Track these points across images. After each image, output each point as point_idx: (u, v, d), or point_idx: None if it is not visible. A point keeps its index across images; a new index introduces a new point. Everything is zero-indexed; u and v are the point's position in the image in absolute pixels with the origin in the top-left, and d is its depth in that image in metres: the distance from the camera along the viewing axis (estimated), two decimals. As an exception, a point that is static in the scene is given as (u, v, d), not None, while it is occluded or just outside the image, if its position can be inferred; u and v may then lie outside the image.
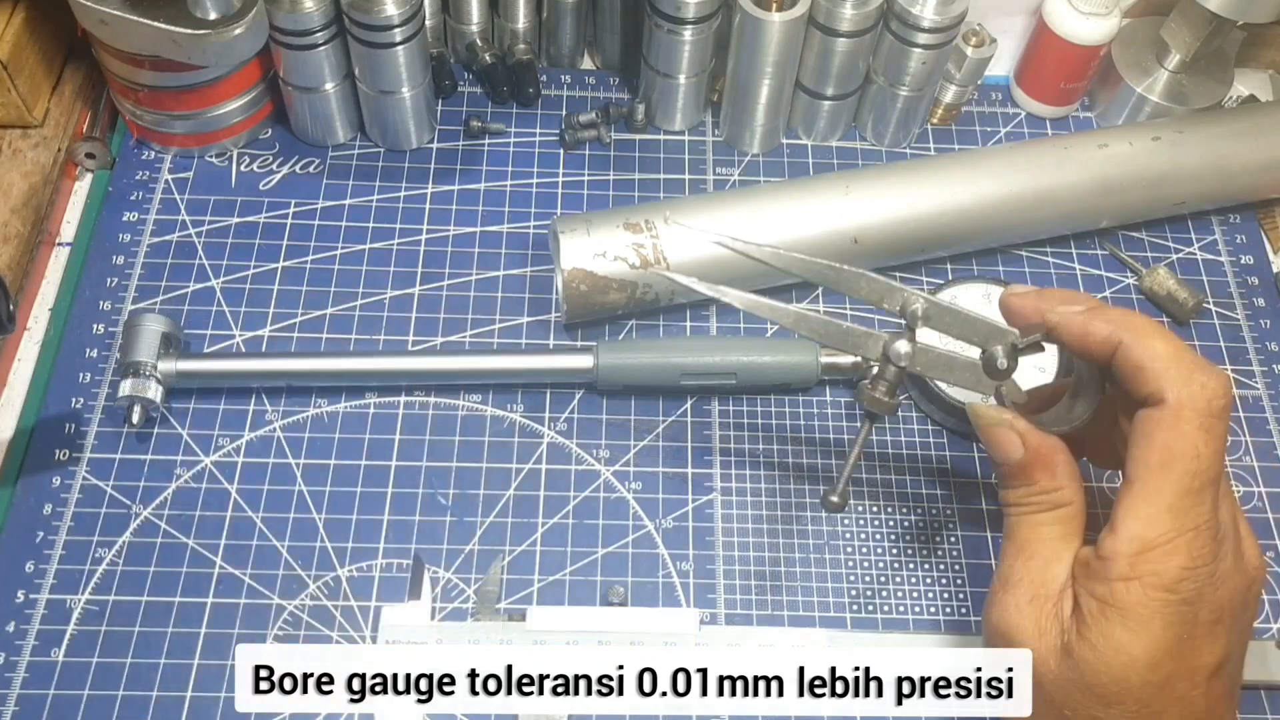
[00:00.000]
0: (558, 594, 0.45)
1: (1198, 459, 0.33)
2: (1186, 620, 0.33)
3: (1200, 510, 0.33)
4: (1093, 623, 0.34)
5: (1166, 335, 0.35)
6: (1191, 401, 0.33)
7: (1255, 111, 0.57)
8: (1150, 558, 0.33)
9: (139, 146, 0.55)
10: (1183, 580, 0.33)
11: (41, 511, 0.45)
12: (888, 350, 0.38)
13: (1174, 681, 0.34)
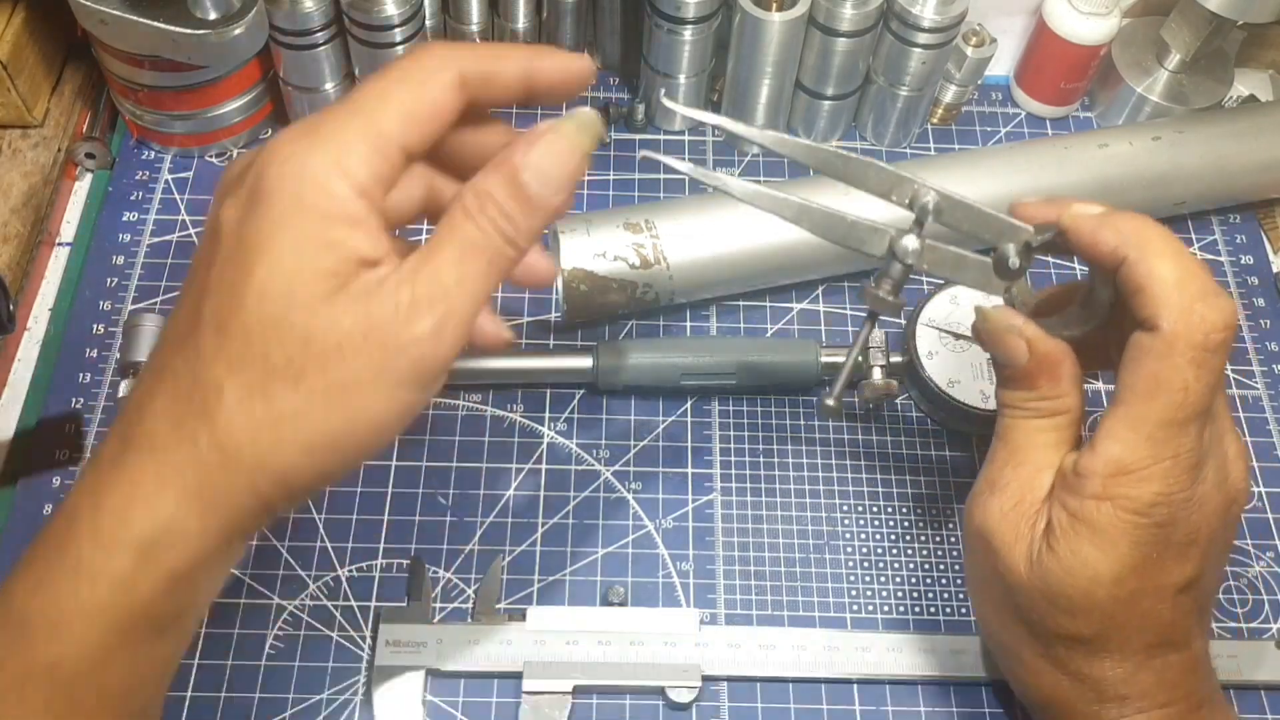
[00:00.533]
0: (558, 594, 0.45)
1: (1185, 392, 0.32)
2: (1157, 541, 0.33)
3: (1181, 441, 0.33)
4: (1062, 535, 0.34)
5: (1176, 255, 0.33)
6: (1187, 334, 0.32)
7: (1255, 111, 0.57)
8: (1124, 481, 0.33)
9: (139, 146, 0.55)
10: (1155, 505, 0.33)
11: (42, 512, 0.45)
12: (894, 246, 0.36)
13: (1139, 597, 0.34)
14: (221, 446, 0.28)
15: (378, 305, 0.28)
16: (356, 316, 0.28)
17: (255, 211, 0.28)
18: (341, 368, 0.28)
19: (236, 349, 0.28)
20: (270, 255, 0.28)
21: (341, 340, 0.28)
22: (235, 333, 0.28)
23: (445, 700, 0.42)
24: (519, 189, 0.29)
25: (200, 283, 0.29)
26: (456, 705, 0.42)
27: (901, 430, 0.50)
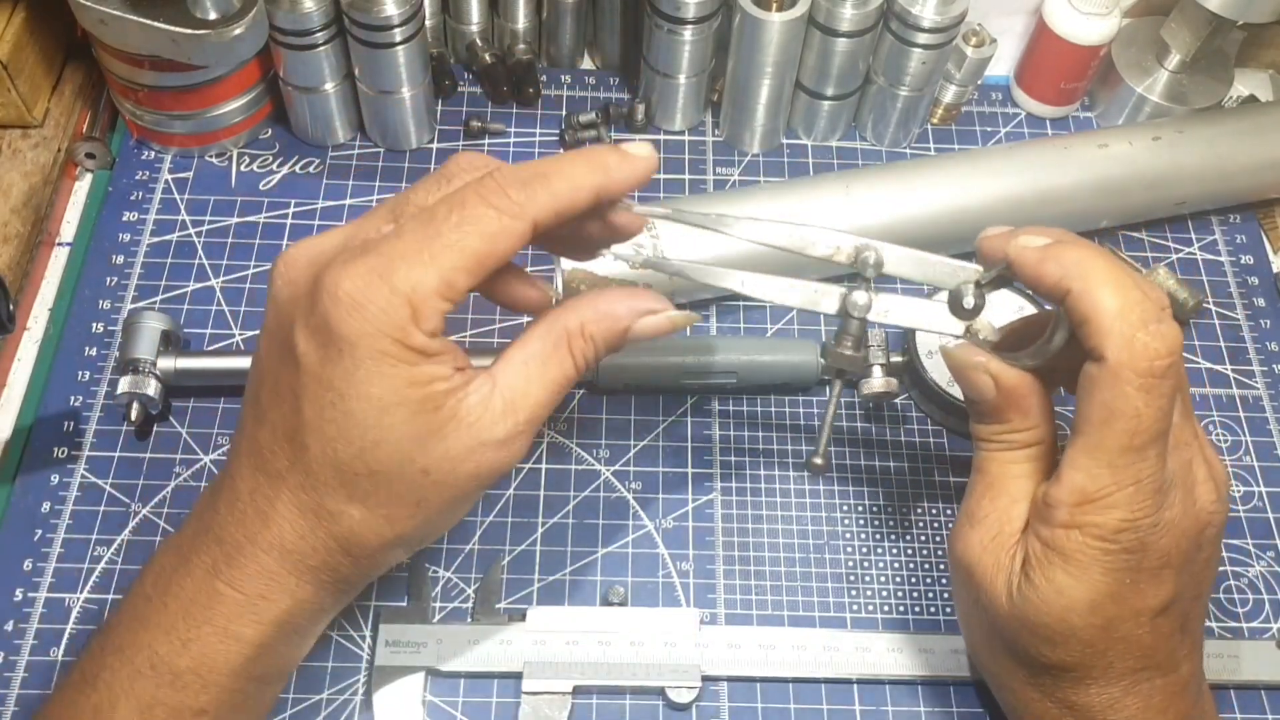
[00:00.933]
0: (557, 594, 0.45)
1: (1137, 419, 0.33)
2: (1129, 567, 0.34)
3: (1141, 466, 0.33)
4: (1037, 565, 0.34)
5: (1118, 285, 0.33)
6: (1131, 362, 0.32)
7: (1255, 111, 0.57)
8: (1089, 509, 0.33)
9: (139, 146, 0.55)
10: (1122, 531, 0.33)
11: (40, 510, 0.45)
12: (845, 303, 0.37)
13: (1116, 623, 0.34)
14: (349, 552, 0.33)
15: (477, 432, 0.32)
16: (462, 449, 0.32)
17: (339, 359, 0.31)
18: (451, 488, 0.33)
19: (364, 486, 0.32)
20: (366, 404, 0.31)
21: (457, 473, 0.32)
22: (358, 469, 0.32)
23: (445, 700, 0.42)
24: (621, 340, 0.35)
25: (289, 411, 0.32)
26: (456, 705, 0.42)
27: (901, 430, 0.50)
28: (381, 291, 0.30)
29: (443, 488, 0.33)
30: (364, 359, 0.30)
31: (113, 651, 0.34)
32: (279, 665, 0.36)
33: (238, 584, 0.33)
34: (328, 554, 0.33)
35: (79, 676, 0.34)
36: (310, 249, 0.33)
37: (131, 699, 0.33)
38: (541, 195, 0.32)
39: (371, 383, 0.31)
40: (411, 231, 0.31)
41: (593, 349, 0.34)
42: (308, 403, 0.31)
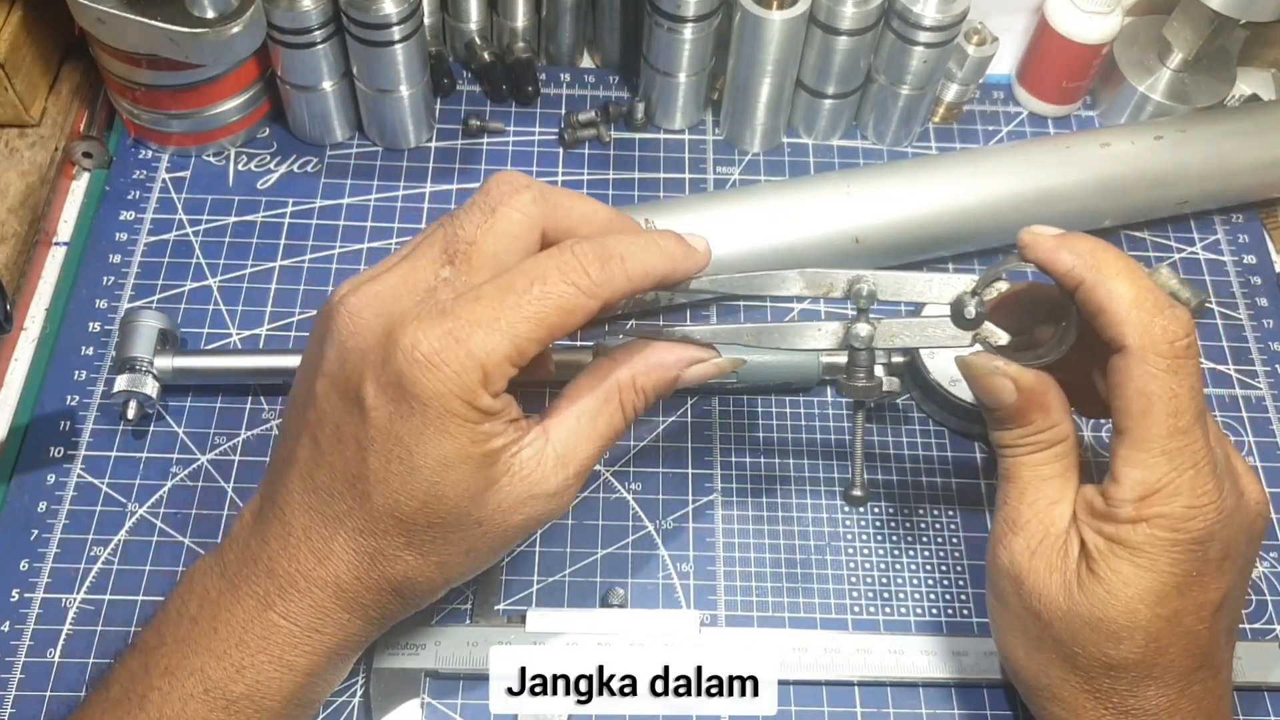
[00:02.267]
0: (557, 595, 0.44)
1: (1175, 399, 0.33)
2: (1196, 558, 0.34)
3: (1194, 448, 0.33)
4: (1101, 559, 0.34)
5: (1131, 275, 0.34)
6: (1154, 345, 0.33)
7: (1258, 111, 0.57)
8: (1154, 501, 0.33)
9: (136, 145, 0.55)
10: (1190, 519, 0.33)
11: (36, 509, 0.45)
12: (849, 336, 0.37)
13: (1181, 616, 0.34)
14: (401, 595, 0.35)
15: (530, 485, 0.34)
16: (514, 501, 0.34)
17: (409, 416, 0.32)
18: (500, 536, 0.34)
19: (421, 536, 0.33)
20: (432, 461, 0.32)
21: (507, 523, 0.34)
22: (419, 521, 0.33)
23: (444, 701, 0.42)
24: (670, 388, 0.36)
25: (352, 458, 0.33)
26: (455, 707, 0.42)
27: (903, 430, 0.50)
28: (458, 355, 0.31)
29: (492, 537, 0.34)
30: (434, 418, 0.31)
31: (161, 673, 0.34)
32: (323, 690, 0.37)
33: (292, 617, 0.34)
34: (379, 594, 0.34)
35: (121, 693, 0.34)
36: (373, 299, 0.33)
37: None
38: (618, 278, 0.33)
39: (439, 441, 0.32)
40: (490, 297, 0.32)
41: (643, 400, 0.36)
42: (374, 455, 0.32)
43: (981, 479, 0.48)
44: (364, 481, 0.33)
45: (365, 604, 0.35)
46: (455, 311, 0.32)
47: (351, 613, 0.35)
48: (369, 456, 0.32)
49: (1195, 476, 0.33)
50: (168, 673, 0.34)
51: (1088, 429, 0.50)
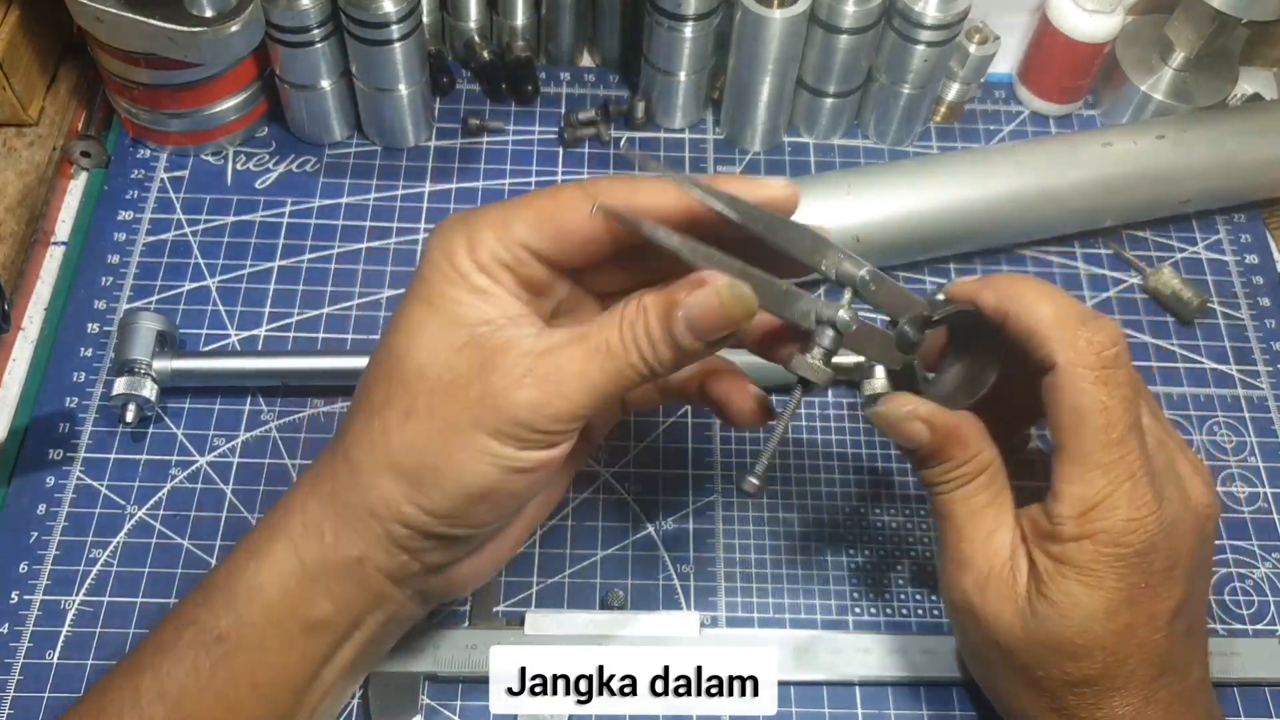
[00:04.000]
0: (557, 596, 0.44)
1: (1106, 411, 0.33)
2: (1141, 570, 0.34)
3: (1129, 459, 0.33)
4: (1050, 580, 0.34)
5: (1051, 296, 0.35)
6: (1080, 358, 0.34)
7: (1260, 110, 0.57)
8: (1094, 515, 0.34)
9: (134, 145, 0.55)
10: (1130, 532, 0.33)
11: (35, 512, 0.45)
12: (833, 318, 0.34)
13: (1134, 629, 0.34)
14: (348, 458, 0.33)
15: (494, 366, 0.31)
16: (470, 366, 0.31)
17: (412, 281, 0.34)
18: (446, 406, 0.31)
19: (381, 389, 0.33)
20: (412, 312, 0.33)
21: (451, 383, 0.31)
22: (379, 376, 0.33)
23: (443, 703, 0.42)
24: (671, 322, 0.31)
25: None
26: (455, 709, 0.42)
27: (904, 431, 0.49)
28: (454, 227, 0.33)
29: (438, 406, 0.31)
30: (424, 279, 0.33)
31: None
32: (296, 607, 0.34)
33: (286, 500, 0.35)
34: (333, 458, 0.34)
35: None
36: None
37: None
38: (623, 187, 0.33)
39: (420, 295, 0.33)
40: (504, 206, 0.34)
41: (644, 326, 0.31)
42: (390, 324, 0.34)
43: (982, 480, 0.48)
44: (377, 352, 0.34)
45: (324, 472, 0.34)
46: (477, 209, 0.34)
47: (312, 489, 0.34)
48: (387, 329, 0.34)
49: (1133, 488, 0.33)
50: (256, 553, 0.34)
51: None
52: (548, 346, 0.31)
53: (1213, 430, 0.50)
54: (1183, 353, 0.53)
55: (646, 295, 0.32)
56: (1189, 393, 0.51)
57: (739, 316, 0.31)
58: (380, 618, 0.35)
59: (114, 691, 0.34)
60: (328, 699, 0.36)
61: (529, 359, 0.31)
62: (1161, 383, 0.52)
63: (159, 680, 0.33)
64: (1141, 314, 0.54)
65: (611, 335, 0.31)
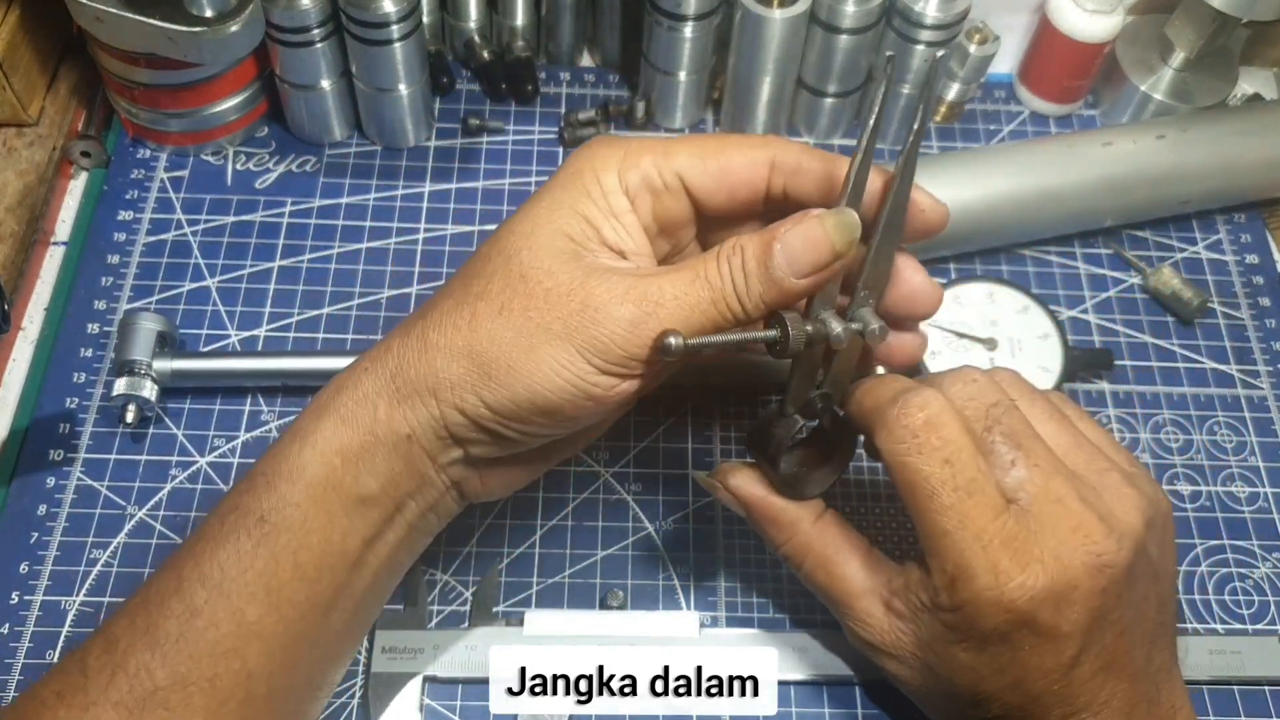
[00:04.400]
0: (556, 597, 0.44)
1: (928, 479, 0.33)
2: (1015, 636, 0.33)
3: (970, 522, 0.32)
4: (935, 643, 0.35)
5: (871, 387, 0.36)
6: (891, 434, 0.34)
7: (1260, 110, 0.57)
8: (958, 587, 0.33)
9: (134, 145, 0.55)
10: (992, 603, 0.32)
11: (35, 512, 0.45)
12: (838, 326, 0.34)
13: (1024, 682, 0.34)
14: (424, 336, 0.33)
15: (598, 280, 0.32)
16: (574, 278, 0.32)
17: (546, 184, 0.34)
18: (540, 311, 0.32)
19: (479, 282, 0.33)
20: (532, 214, 0.34)
21: (551, 290, 0.32)
22: (481, 270, 0.33)
23: (443, 704, 0.42)
24: (767, 256, 0.32)
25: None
26: (455, 709, 0.42)
27: (904, 431, 0.49)
28: (611, 143, 0.35)
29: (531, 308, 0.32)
30: (561, 180, 0.34)
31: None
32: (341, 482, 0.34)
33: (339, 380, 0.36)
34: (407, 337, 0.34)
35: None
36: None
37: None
38: (794, 147, 0.35)
39: (551, 195, 0.34)
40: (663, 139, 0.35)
41: (740, 261, 0.32)
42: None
43: (982, 480, 0.48)
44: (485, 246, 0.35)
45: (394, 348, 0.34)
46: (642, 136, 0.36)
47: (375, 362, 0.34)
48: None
49: (984, 553, 0.32)
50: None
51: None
52: (650, 273, 0.32)
53: (1213, 430, 0.50)
54: (1183, 353, 0.53)
55: (746, 235, 0.33)
56: (1189, 393, 0.51)
57: (841, 247, 0.32)
58: (421, 505, 0.35)
59: (159, 582, 0.34)
60: (369, 594, 0.36)
61: (631, 279, 0.32)
62: (1162, 383, 0.52)
63: (199, 565, 0.33)
64: (1142, 314, 0.54)
65: (710, 267, 0.32)
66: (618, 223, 0.34)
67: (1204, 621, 0.45)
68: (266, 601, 0.33)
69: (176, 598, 0.33)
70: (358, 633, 0.37)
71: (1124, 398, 0.51)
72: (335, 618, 0.34)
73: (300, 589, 0.33)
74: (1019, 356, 0.49)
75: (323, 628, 0.34)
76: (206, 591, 0.32)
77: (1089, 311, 0.54)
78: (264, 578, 0.33)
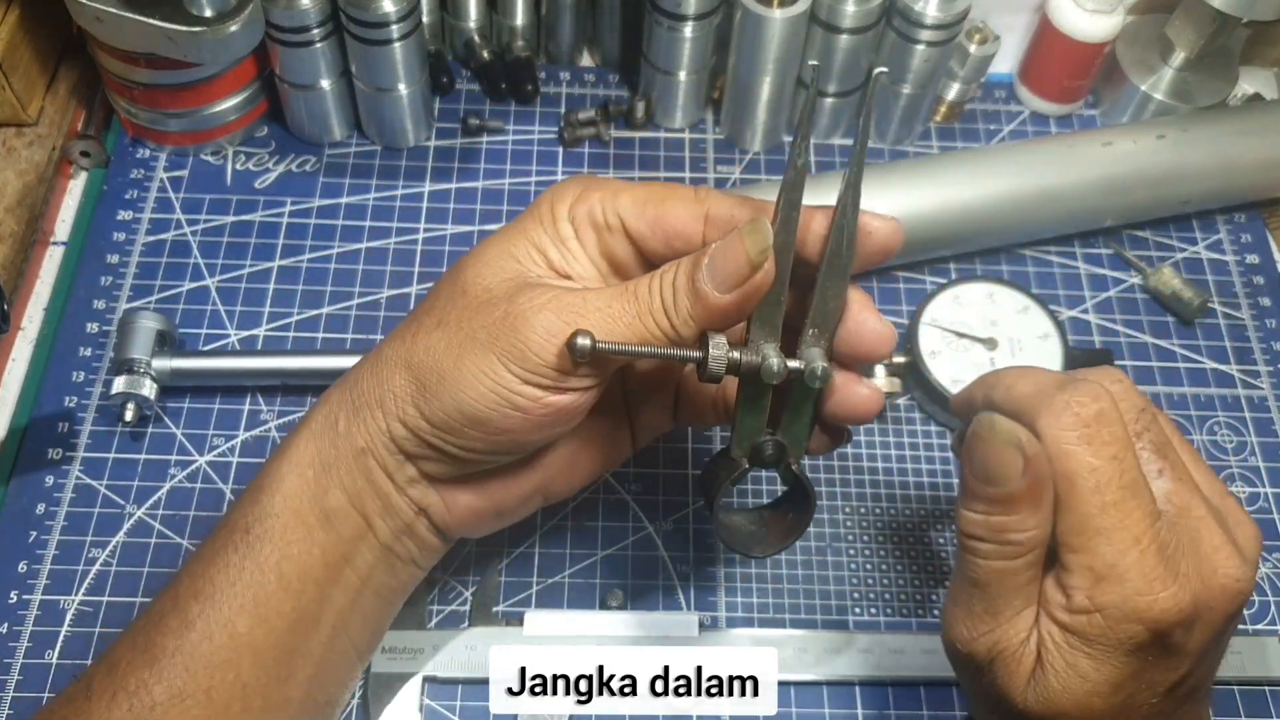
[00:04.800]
0: (556, 596, 0.44)
1: (1095, 473, 0.31)
2: (1151, 646, 0.32)
3: (1130, 524, 0.31)
4: (1057, 650, 0.33)
5: (1028, 373, 0.34)
6: (1058, 422, 0.32)
7: (1260, 110, 0.57)
8: (1104, 588, 0.32)
9: (134, 144, 0.55)
10: (1141, 608, 0.31)
11: (35, 511, 0.45)
12: (772, 360, 0.32)
13: (1134, 698, 0.33)
14: (379, 352, 0.35)
15: (525, 291, 0.33)
16: (507, 290, 0.33)
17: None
18: (469, 321, 0.33)
19: (429, 301, 0.35)
20: (486, 242, 0.35)
21: (485, 302, 0.33)
22: (434, 290, 0.35)
23: (443, 704, 0.42)
24: (695, 273, 0.32)
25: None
26: (454, 709, 0.41)
27: (904, 430, 0.49)
28: (571, 183, 0.36)
29: (465, 320, 0.33)
30: (522, 215, 0.36)
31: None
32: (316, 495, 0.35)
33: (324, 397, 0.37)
34: (368, 357, 0.36)
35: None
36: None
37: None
38: (728, 201, 0.35)
39: (507, 229, 0.35)
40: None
41: (670, 278, 0.32)
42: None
43: (983, 480, 0.48)
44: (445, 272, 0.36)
45: (358, 370, 0.35)
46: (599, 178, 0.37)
47: (339, 387, 0.35)
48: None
49: (1140, 558, 0.31)
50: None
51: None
52: (579, 287, 0.33)
53: (1213, 430, 0.50)
54: (1183, 353, 0.53)
55: (685, 258, 0.33)
56: (1189, 393, 0.51)
57: (755, 254, 0.32)
58: (392, 526, 0.36)
59: (159, 602, 0.35)
60: (355, 614, 0.36)
61: (557, 290, 0.33)
62: (1162, 383, 0.52)
63: (194, 581, 0.34)
64: (1142, 314, 0.54)
65: (640, 284, 0.33)
66: (564, 248, 0.35)
67: (1204, 621, 0.45)
68: (255, 613, 0.34)
69: (173, 614, 0.34)
70: (352, 654, 0.37)
71: (1124, 398, 0.51)
72: (324, 632, 0.35)
73: (286, 600, 0.34)
74: (1019, 357, 0.49)
75: (312, 641, 0.35)
76: (199, 605, 0.33)
77: (1089, 311, 0.54)
78: (251, 589, 0.34)
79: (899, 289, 0.53)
